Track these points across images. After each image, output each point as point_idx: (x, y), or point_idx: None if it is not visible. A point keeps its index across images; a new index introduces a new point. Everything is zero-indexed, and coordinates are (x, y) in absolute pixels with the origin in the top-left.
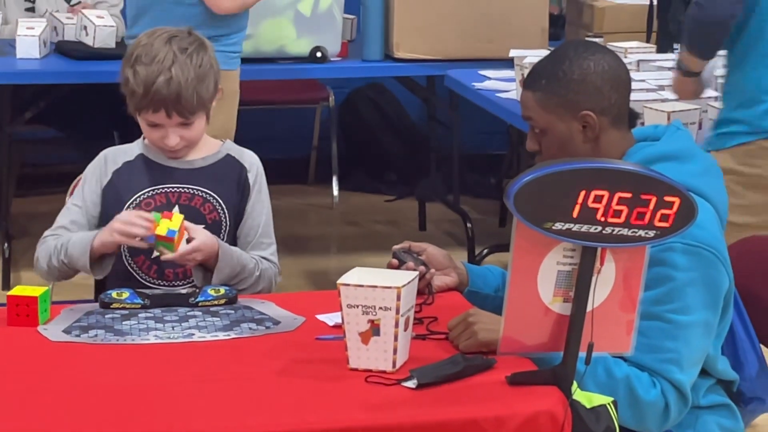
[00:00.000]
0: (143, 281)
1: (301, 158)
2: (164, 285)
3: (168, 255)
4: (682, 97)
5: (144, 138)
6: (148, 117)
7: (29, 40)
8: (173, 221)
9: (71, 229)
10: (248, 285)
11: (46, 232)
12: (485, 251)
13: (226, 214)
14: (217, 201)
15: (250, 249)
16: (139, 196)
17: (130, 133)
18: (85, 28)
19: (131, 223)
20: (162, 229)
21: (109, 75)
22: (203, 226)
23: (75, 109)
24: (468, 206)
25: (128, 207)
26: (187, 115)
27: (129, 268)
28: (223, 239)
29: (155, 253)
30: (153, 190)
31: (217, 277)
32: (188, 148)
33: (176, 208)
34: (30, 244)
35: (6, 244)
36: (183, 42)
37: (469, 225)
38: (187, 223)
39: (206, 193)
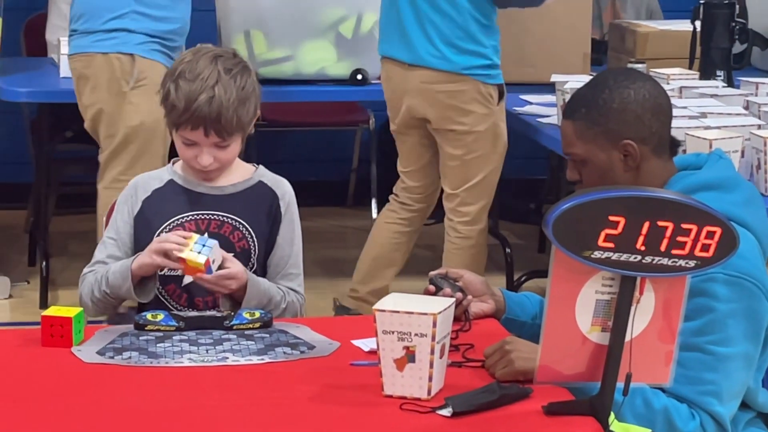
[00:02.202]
0: (174, 309)
1: (340, 181)
2: None
3: (204, 276)
4: None
5: (173, 163)
6: (185, 134)
7: None
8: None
9: (108, 263)
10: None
11: (85, 269)
12: (524, 277)
13: (256, 243)
14: (247, 229)
15: (278, 279)
16: (169, 224)
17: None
18: None
19: (166, 239)
20: (191, 255)
21: None
22: (232, 254)
23: None
24: (507, 231)
25: (158, 235)
26: (224, 136)
27: (160, 296)
28: (252, 268)
29: (185, 281)
30: (183, 218)
31: (244, 308)
32: (220, 170)
33: (206, 235)
34: (68, 263)
35: (44, 263)
36: (228, 63)
37: (507, 250)
38: (222, 252)
39: (236, 220)
